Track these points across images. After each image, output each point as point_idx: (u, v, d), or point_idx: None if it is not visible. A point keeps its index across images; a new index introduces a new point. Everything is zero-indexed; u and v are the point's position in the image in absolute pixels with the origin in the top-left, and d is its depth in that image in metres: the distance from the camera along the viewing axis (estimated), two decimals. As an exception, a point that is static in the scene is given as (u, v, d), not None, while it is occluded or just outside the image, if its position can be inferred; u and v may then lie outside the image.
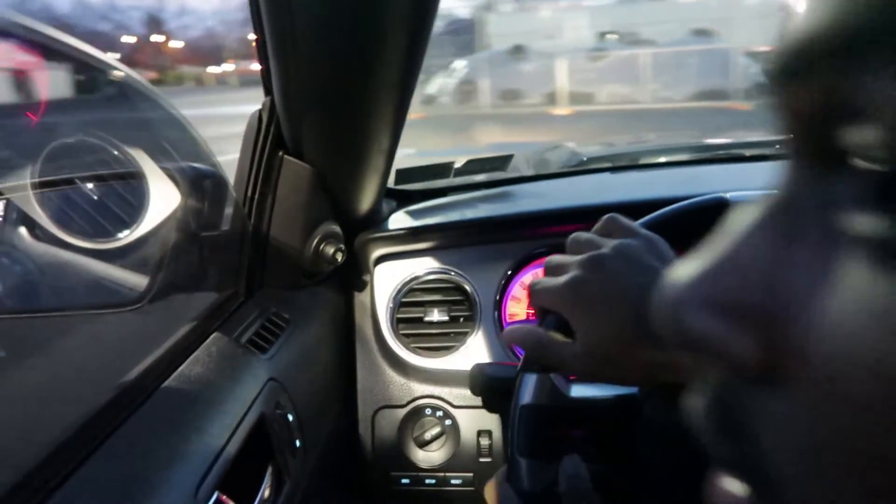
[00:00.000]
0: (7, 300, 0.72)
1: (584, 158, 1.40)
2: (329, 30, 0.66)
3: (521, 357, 0.54)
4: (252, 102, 0.84)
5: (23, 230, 0.75)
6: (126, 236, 0.71)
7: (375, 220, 1.05)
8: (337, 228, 0.94)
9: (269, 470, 0.67)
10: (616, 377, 0.48)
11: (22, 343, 0.69)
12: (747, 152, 1.31)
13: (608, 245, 0.49)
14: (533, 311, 1.05)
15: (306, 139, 0.80)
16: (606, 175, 1.28)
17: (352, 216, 0.97)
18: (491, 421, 1.01)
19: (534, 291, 0.51)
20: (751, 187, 0.68)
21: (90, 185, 0.69)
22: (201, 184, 0.72)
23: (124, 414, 0.57)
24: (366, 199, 0.97)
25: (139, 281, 0.65)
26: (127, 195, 0.71)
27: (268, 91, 0.79)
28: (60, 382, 0.63)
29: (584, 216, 1.02)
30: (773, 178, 0.19)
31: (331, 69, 0.70)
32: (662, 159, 1.35)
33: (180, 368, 0.66)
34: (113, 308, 0.68)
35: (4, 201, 0.75)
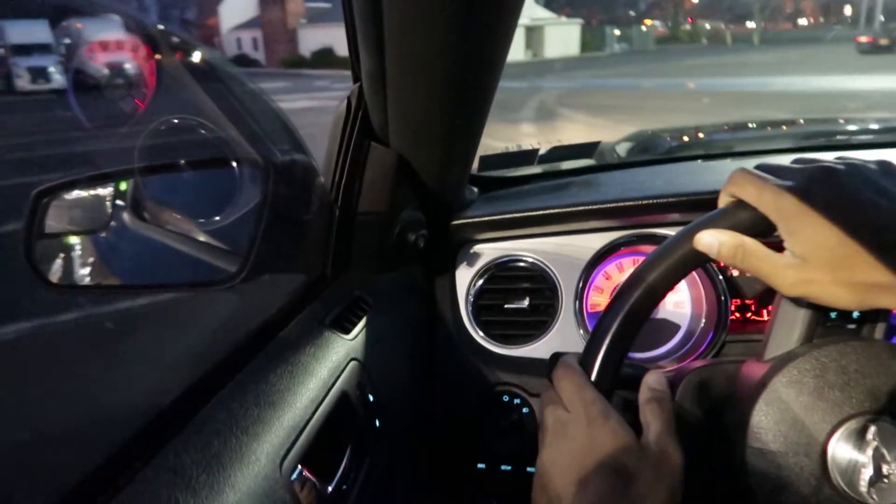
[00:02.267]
0: (114, 276, 0.78)
1: (675, 145, 1.35)
2: (416, 17, 0.66)
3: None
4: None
5: (129, 211, 0.80)
6: (221, 218, 0.74)
7: (458, 206, 1.06)
8: (420, 215, 0.95)
9: (349, 448, 0.69)
10: (827, 294, 0.46)
11: (126, 316, 0.74)
12: (854, 139, 1.22)
13: (840, 161, 0.47)
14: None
15: (392, 126, 0.81)
16: (698, 163, 1.23)
17: (435, 203, 0.97)
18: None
19: (737, 179, 0.49)
20: None
21: (189, 169, 0.73)
22: (291, 169, 0.75)
23: (216, 386, 0.60)
24: (449, 186, 0.97)
25: (232, 261, 0.68)
26: (222, 179, 0.75)
27: (356, 78, 0.80)
28: (161, 353, 0.67)
29: (674, 206, 0.98)
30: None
31: (418, 56, 0.70)
32: (757, 147, 1.28)
33: (269, 346, 0.68)
34: (208, 286, 0.72)
35: (114, 183, 0.80)
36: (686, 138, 1.54)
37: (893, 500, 0.51)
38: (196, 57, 0.74)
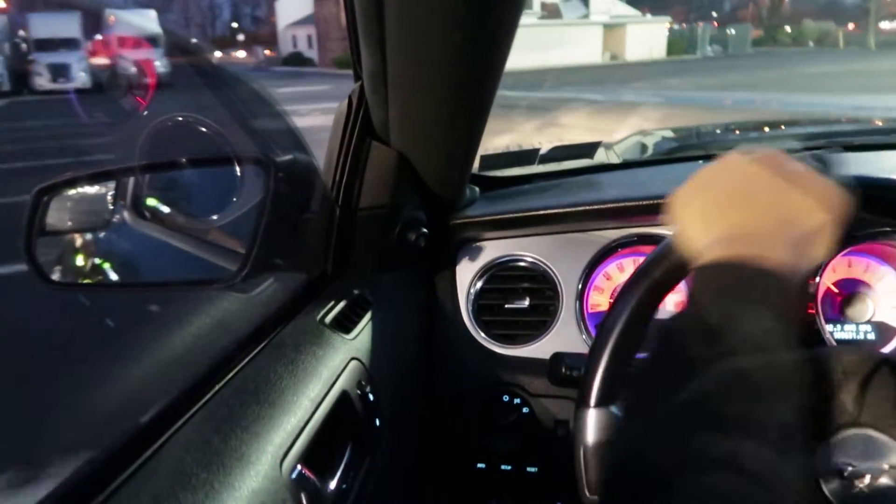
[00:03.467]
0: (113, 274, 0.78)
1: (676, 146, 1.35)
2: (417, 15, 0.66)
3: None
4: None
5: (130, 209, 0.80)
6: (221, 217, 0.74)
7: (459, 205, 1.05)
8: (421, 214, 0.95)
9: (350, 447, 0.69)
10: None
11: (127, 315, 0.74)
12: (857, 140, 1.22)
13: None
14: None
15: (394, 125, 0.81)
16: (699, 163, 1.23)
17: (436, 202, 0.97)
18: (568, 411, 1.00)
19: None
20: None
21: (190, 168, 0.73)
22: (292, 167, 0.75)
23: (217, 385, 0.60)
24: (450, 185, 0.97)
25: (233, 260, 0.68)
26: (223, 177, 0.75)
27: (357, 77, 0.80)
28: (159, 353, 0.67)
29: None
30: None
31: (419, 55, 0.71)
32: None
33: (269, 345, 0.68)
34: (208, 285, 0.72)
35: (115, 181, 0.80)
36: (687, 138, 1.54)
37: None
38: (197, 56, 0.74)
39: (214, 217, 0.75)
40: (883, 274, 0.98)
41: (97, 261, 0.79)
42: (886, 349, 0.97)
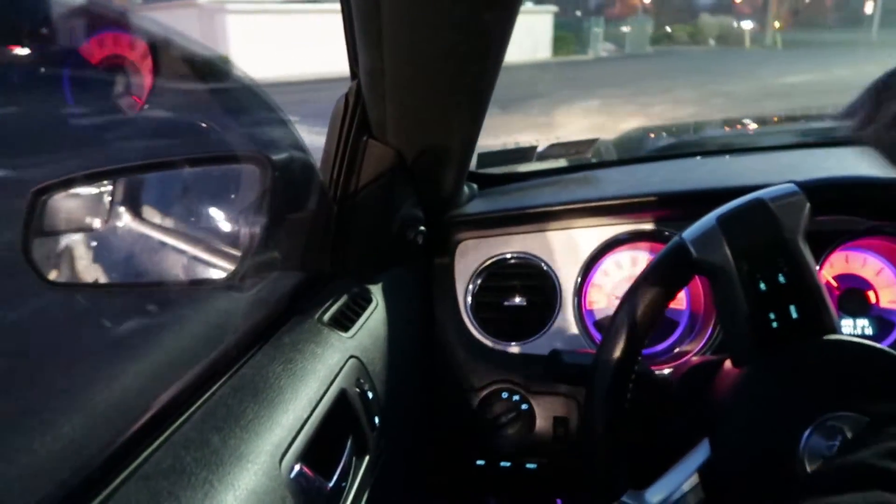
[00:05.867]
0: (110, 273, 0.78)
1: (672, 143, 1.36)
2: (415, 13, 0.66)
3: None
4: None
5: (127, 208, 0.80)
6: (219, 216, 0.74)
7: (457, 203, 1.06)
8: (418, 212, 0.95)
9: (349, 444, 0.69)
10: None
11: (125, 314, 0.74)
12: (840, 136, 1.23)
13: None
14: (615, 298, 1.03)
15: (390, 123, 0.81)
16: (696, 160, 1.23)
17: (433, 199, 0.98)
18: (567, 408, 1.01)
19: None
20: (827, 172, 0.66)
21: (187, 167, 0.73)
22: (289, 166, 0.75)
23: (215, 385, 0.60)
24: (447, 183, 0.97)
25: (231, 259, 0.68)
26: (220, 176, 0.75)
27: (354, 75, 0.80)
28: (158, 353, 0.67)
29: (671, 203, 0.98)
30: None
31: (416, 53, 0.70)
32: (755, 144, 1.28)
33: (267, 343, 0.69)
34: (207, 284, 0.72)
35: (111, 181, 0.80)
36: (685, 135, 1.54)
37: None
38: (193, 55, 0.74)
39: (212, 216, 0.75)
40: (880, 268, 0.98)
41: (95, 261, 0.79)
42: (885, 343, 0.97)
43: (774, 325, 0.63)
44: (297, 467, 0.58)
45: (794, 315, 0.63)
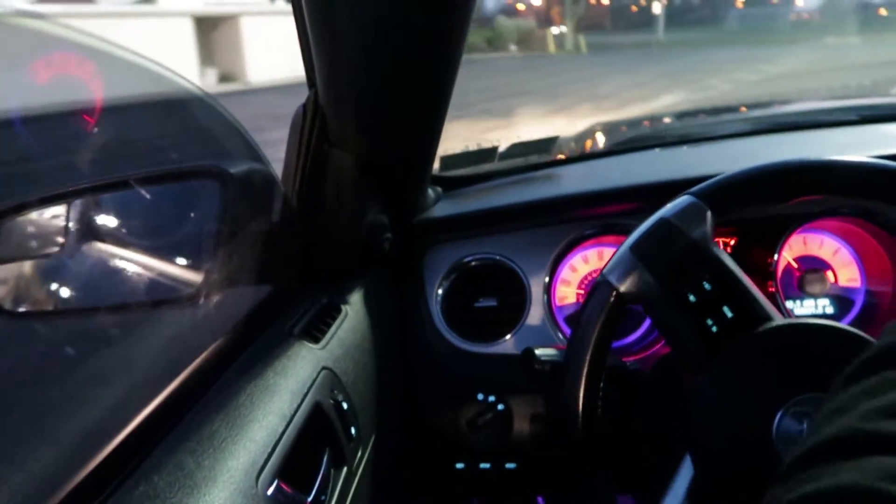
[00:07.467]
0: (70, 299, 0.76)
1: (631, 136, 1.38)
2: (369, 21, 0.66)
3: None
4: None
5: (83, 229, 0.78)
6: (179, 233, 0.73)
7: (422, 207, 1.05)
8: (384, 218, 0.94)
9: (326, 457, 0.69)
10: None
11: (86, 339, 0.72)
12: (803, 120, 1.26)
13: None
14: (582, 293, 1.04)
15: (350, 131, 0.81)
16: (655, 151, 1.25)
17: (399, 205, 0.97)
18: (544, 406, 1.01)
19: None
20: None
21: (143, 185, 0.71)
22: (249, 179, 0.74)
23: (185, 407, 0.59)
24: (411, 188, 0.97)
25: (195, 277, 0.67)
26: (178, 193, 0.73)
27: (311, 84, 0.80)
28: (124, 377, 0.66)
29: (633, 195, 1.00)
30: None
31: (372, 60, 0.70)
32: (710, 133, 1.31)
33: (237, 361, 0.67)
34: (171, 304, 0.70)
35: (66, 202, 0.78)
36: (642, 128, 1.57)
37: None
38: (145, 70, 0.72)
39: (172, 233, 0.73)
40: (837, 248, 1.01)
41: (53, 286, 0.77)
42: (845, 320, 1.00)
43: (714, 329, 0.64)
44: (274, 484, 0.57)
45: (730, 314, 0.64)
